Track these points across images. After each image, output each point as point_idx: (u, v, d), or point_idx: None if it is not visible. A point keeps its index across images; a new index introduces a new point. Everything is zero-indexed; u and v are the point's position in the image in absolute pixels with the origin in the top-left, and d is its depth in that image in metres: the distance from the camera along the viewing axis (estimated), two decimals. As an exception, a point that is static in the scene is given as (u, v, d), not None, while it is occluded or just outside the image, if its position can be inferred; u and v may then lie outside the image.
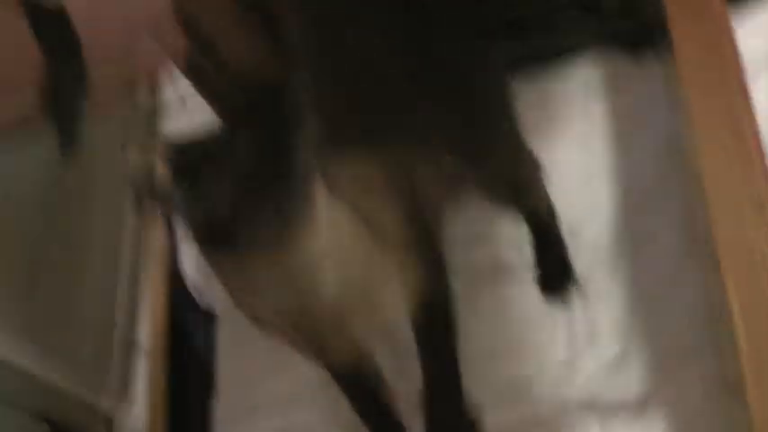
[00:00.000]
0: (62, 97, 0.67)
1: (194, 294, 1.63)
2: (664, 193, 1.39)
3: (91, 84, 0.70)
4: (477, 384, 1.18)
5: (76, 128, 0.69)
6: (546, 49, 1.50)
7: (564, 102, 1.48)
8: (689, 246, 1.31)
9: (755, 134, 0.97)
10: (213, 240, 0.90)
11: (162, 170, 0.89)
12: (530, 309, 1.39)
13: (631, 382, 1.28)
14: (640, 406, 1.25)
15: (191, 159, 0.91)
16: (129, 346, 1.75)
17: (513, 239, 1.42)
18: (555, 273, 1.39)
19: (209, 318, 1.60)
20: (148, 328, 1.59)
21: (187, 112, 1.60)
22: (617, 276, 1.36)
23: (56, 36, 0.66)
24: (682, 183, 1.35)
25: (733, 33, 1.07)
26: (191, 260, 1.64)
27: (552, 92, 1.50)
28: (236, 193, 0.86)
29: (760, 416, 0.89)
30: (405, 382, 1.22)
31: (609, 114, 1.47)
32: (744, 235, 0.95)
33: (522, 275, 1.41)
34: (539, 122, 1.42)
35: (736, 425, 1.11)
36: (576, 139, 1.46)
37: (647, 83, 1.46)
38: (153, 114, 1.69)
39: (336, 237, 0.92)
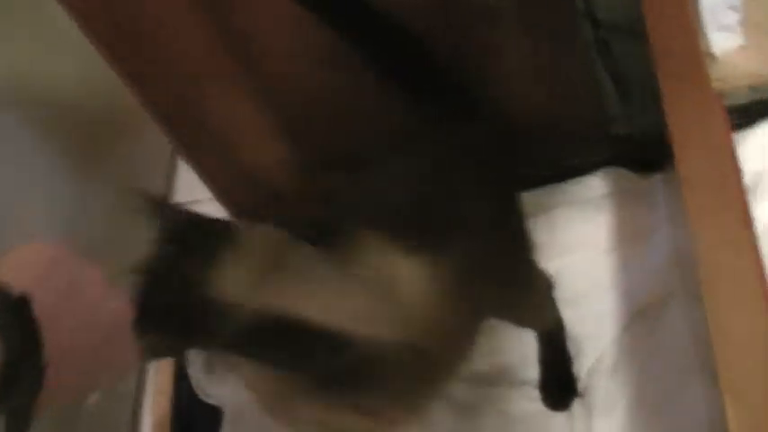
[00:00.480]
0: (17, 390, 0.62)
1: (198, 392, 1.63)
2: (668, 307, 1.42)
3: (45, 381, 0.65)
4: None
5: (25, 423, 0.64)
6: (557, 172, 1.57)
7: (571, 216, 1.53)
8: (692, 361, 1.34)
9: (757, 252, 0.98)
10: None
11: None
12: (534, 419, 1.43)
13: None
14: None
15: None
16: None
17: (520, 351, 1.46)
18: (559, 384, 1.44)
19: (214, 414, 1.61)
20: (153, 420, 1.60)
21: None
22: (620, 389, 1.39)
23: (17, 325, 0.63)
24: (687, 298, 1.40)
25: (736, 158, 1.08)
26: (195, 359, 1.66)
27: (560, 207, 1.55)
28: None
29: None
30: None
31: (615, 229, 1.52)
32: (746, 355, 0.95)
33: (528, 388, 1.45)
34: (546, 237, 1.44)
35: None
36: (582, 253, 1.51)
37: (652, 200, 1.51)
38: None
39: None
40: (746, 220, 1.02)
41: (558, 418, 1.42)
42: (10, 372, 0.60)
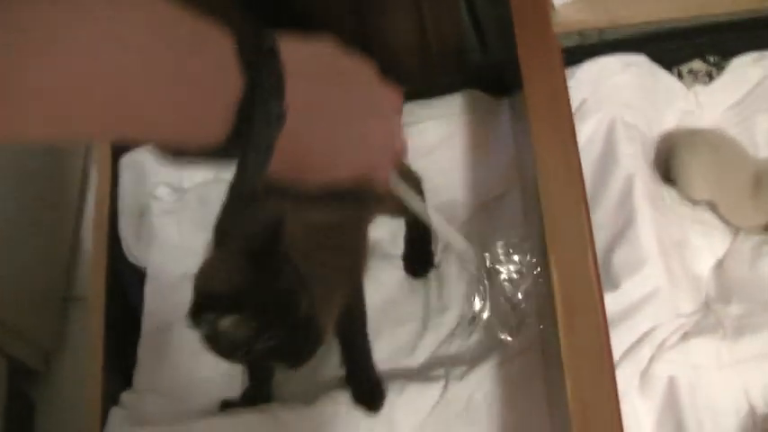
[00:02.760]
0: (258, 131, 0.59)
1: (127, 252, 1.74)
2: (506, 200, 1.63)
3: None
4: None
5: (264, 163, 0.61)
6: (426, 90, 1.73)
7: (436, 126, 1.72)
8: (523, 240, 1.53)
9: (578, 156, 1.21)
10: None
11: None
12: (399, 284, 1.61)
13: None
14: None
15: None
16: (70, 293, 1.92)
17: (390, 229, 1.62)
18: (420, 258, 1.63)
19: (140, 273, 1.73)
20: (90, 278, 1.66)
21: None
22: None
23: (265, 74, 0.59)
24: (521, 193, 1.60)
25: (566, 85, 1.29)
26: (126, 223, 1.76)
27: (428, 119, 1.72)
28: None
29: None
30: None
31: (469, 138, 1.70)
32: (569, 229, 1.16)
33: (395, 259, 1.63)
34: (416, 141, 1.67)
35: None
36: (442, 154, 1.69)
37: (499, 117, 1.71)
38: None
39: None
40: (573, 132, 1.23)
41: (418, 284, 1.61)
42: (249, 107, 0.59)
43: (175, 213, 1.74)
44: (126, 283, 1.75)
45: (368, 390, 1.46)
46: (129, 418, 1.51)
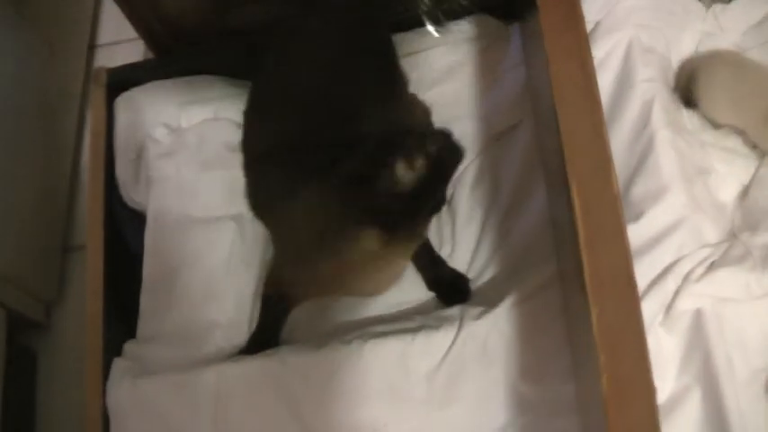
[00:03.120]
0: None
1: (125, 197, 1.69)
2: (518, 131, 1.58)
3: None
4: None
5: None
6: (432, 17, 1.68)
7: (444, 54, 1.67)
8: (537, 172, 1.50)
9: (594, 75, 1.16)
10: None
11: None
12: None
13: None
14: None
15: None
16: (68, 243, 1.89)
17: None
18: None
19: (140, 218, 1.68)
20: (88, 225, 1.61)
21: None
22: (478, 199, 1.56)
23: None
24: (533, 124, 1.55)
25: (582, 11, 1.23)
26: (123, 166, 1.72)
27: (434, 47, 1.67)
28: None
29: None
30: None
31: (478, 66, 1.65)
32: (589, 156, 1.12)
33: None
34: (423, 71, 1.63)
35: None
36: (451, 84, 1.65)
37: (510, 44, 1.66)
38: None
39: None
40: (590, 56, 1.18)
41: (431, 225, 1.51)
42: None
43: (174, 154, 1.68)
44: (126, 229, 1.71)
45: (454, 282, 1.51)
46: (132, 369, 1.47)
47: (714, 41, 1.60)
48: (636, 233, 1.33)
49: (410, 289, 1.53)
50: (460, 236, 1.55)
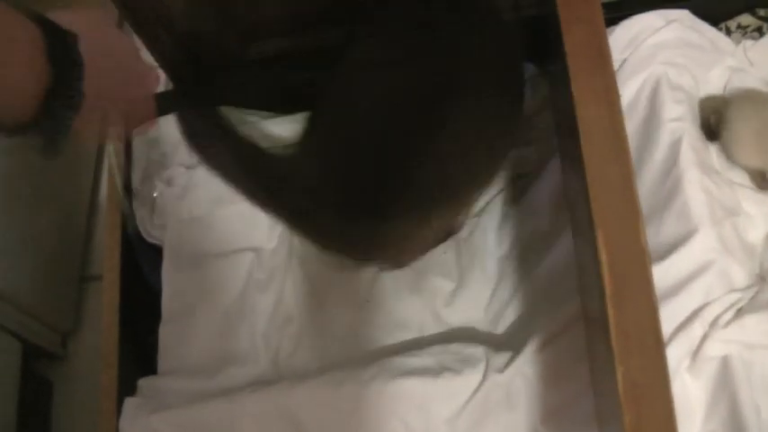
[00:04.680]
0: (59, 103, 0.73)
1: (143, 231, 1.68)
2: (545, 170, 1.54)
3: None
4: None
5: (64, 136, 0.76)
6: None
7: None
8: (562, 216, 1.47)
9: (621, 111, 1.12)
10: None
11: None
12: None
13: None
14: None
15: None
16: (85, 273, 1.88)
17: None
18: None
19: (157, 251, 1.66)
20: (104, 257, 1.61)
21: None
22: (508, 236, 1.54)
23: (65, 52, 0.73)
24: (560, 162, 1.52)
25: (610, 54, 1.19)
26: (141, 201, 1.69)
27: None
28: None
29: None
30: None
31: None
32: (616, 200, 1.08)
33: None
34: None
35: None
36: None
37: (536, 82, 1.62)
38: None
39: None
40: (617, 95, 1.14)
41: (450, 258, 1.54)
42: (58, 92, 0.72)
43: (188, 193, 1.67)
44: (144, 263, 1.69)
45: None
46: (146, 405, 1.46)
47: (743, 77, 1.57)
48: (662, 276, 1.31)
49: (427, 310, 1.52)
50: (481, 272, 1.53)
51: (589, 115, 1.12)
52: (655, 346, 1.01)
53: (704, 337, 1.28)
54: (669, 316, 1.28)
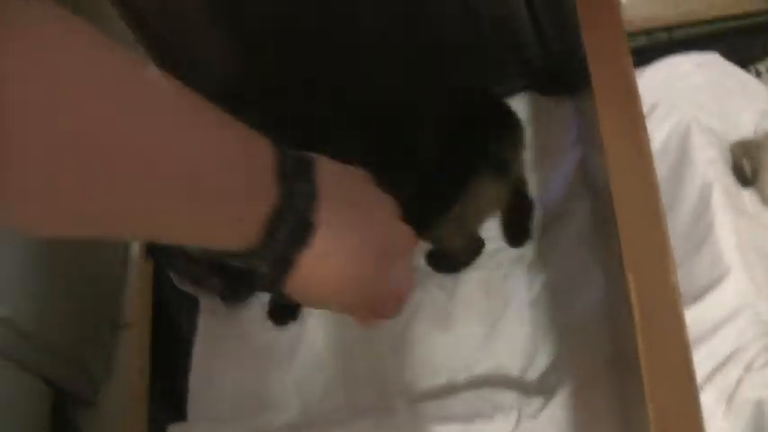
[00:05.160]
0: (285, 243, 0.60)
1: (175, 279, 1.65)
2: (576, 212, 1.55)
3: None
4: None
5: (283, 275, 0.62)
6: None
7: None
8: (594, 255, 1.47)
9: (650, 151, 1.12)
10: None
11: None
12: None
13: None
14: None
15: None
16: (116, 319, 1.88)
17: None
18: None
19: (192, 300, 1.66)
20: (135, 303, 1.66)
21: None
22: (536, 281, 1.53)
23: (301, 189, 0.61)
24: (590, 203, 1.52)
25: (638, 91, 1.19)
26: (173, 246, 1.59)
27: None
28: None
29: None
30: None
31: (533, 147, 1.60)
32: (646, 244, 1.08)
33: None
34: None
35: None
36: None
37: (564, 121, 1.63)
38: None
39: None
40: (647, 138, 1.14)
41: (482, 301, 1.54)
42: (281, 217, 0.60)
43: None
44: (176, 310, 1.71)
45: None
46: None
47: (774, 120, 1.55)
48: (695, 320, 1.29)
49: (458, 355, 1.51)
50: (512, 316, 1.52)
51: (617, 153, 1.12)
52: (687, 386, 0.99)
53: (739, 381, 1.26)
54: (702, 360, 1.27)
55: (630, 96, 1.17)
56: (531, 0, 1.51)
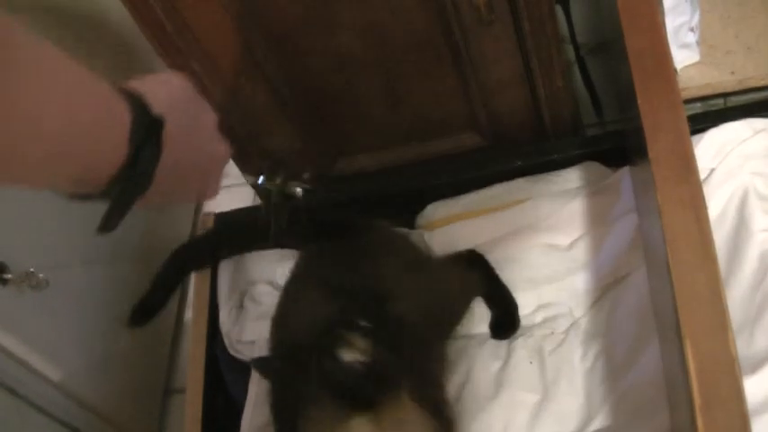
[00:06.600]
0: (128, 186, 0.71)
1: (227, 344, 1.69)
2: (630, 283, 1.52)
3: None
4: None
5: (123, 213, 0.73)
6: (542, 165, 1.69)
7: (553, 203, 1.64)
8: (650, 325, 1.43)
9: (708, 219, 1.11)
10: None
11: None
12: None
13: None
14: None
15: None
16: (170, 386, 1.90)
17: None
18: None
19: (242, 365, 1.66)
20: (188, 369, 1.63)
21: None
22: (591, 352, 1.50)
23: (148, 141, 0.71)
24: (645, 274, 1.50)
25: (695, 162, 1.18)
26: (226, 315, 1.70)
27: (544, 195, 1.66)
28: None
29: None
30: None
31: (588, 215, 1.62)
32: (705, 314, 1.05)
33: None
34: (532, 219, 1.63)
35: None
36: (561, 235, 1.62)
37: (619, 190, 1.62)
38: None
39: None
40: (705, 206, 1.13)
41: (534, 373, 1.51)
42: (128, 175, 0.70)
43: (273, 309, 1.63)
44: (227, 376, 1.70)
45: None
46: None
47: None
48: (754, 391, 1.25)
49: (511, 424, 1.48)
50: (566, 385, 1.49)
51: (675, 223, 1.10)
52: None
53: (799, 452, 1.22)
54: (762, 431, 1.23)
55: (688, 166, 1.17)
56: (586, 71, 1.51)
